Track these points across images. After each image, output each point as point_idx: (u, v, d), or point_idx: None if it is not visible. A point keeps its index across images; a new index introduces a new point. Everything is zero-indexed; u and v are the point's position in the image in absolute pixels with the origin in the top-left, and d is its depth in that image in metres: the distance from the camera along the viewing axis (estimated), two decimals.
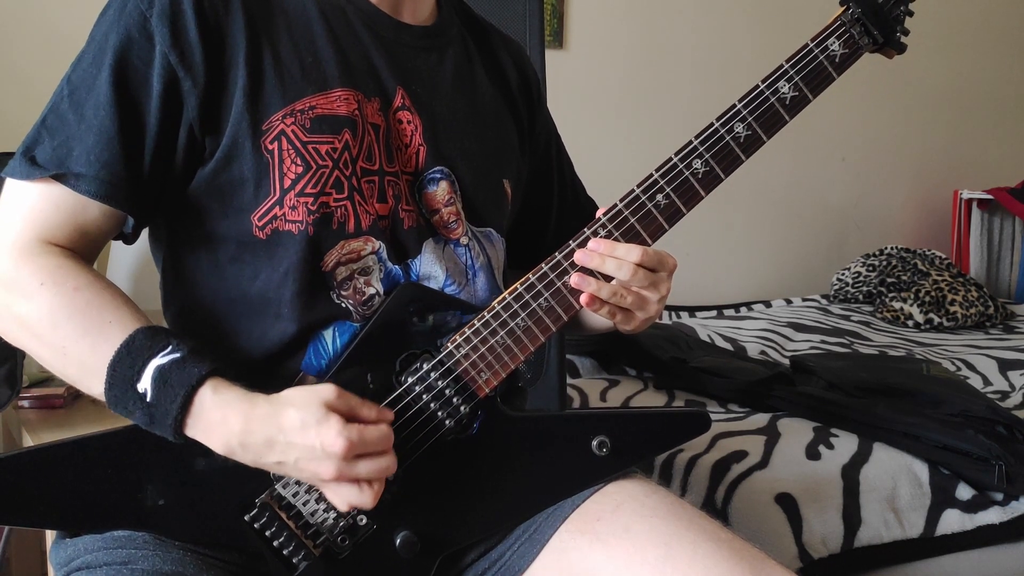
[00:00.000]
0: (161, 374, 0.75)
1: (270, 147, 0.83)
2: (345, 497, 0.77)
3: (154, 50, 0.80)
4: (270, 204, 0.84)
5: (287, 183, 0.83)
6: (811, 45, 0.91)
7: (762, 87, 0.90)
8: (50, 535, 0.88)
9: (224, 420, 0.75)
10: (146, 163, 0.82)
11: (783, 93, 0.90)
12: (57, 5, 2.04)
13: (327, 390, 0.76)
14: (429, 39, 0.97)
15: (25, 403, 1.66)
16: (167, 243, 0.90)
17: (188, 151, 0.83)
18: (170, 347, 0.77)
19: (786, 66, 0.91)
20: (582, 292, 0.86)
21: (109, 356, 0.76)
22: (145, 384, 0.75)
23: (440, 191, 0.93)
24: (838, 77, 0.92)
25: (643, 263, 0.87)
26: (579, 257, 0.87)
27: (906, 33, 0.96)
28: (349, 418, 0.76)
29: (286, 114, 0.84)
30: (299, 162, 0.84)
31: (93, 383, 0.78)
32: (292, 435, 0.74)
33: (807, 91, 0.91)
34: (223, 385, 0.77)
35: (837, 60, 0.91)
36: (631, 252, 0.87)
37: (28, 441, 1.53)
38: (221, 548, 0.83)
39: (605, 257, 0.86)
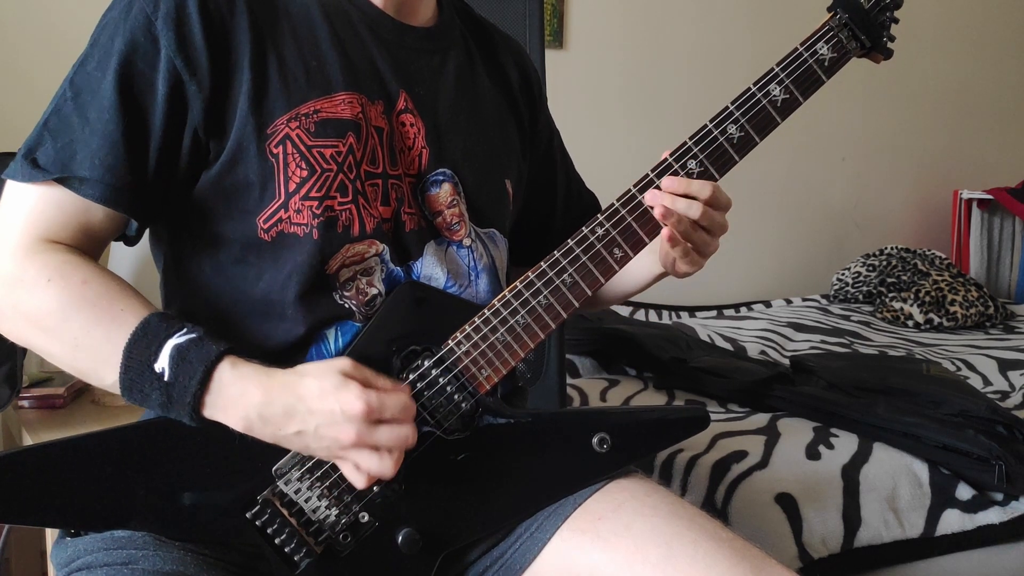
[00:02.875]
0: (179, 352, 0.76)
1: (275, 151, 0.83)
2: (365, 464, 0.77)
3: (159, 54, 0.80)
4: (275, 207, 0.84)
5: (292, 187, 0.84)
6: (800, 49, 0.92)
7: (754, 90, 0.91)
8: (50, 535, 0.89)
9: (244, 393, 0.76)
10: (150, 166, 0.82)
11: (774, 96, 0.90)
12: (58, 5, 2.04)
13: (343, 361, 0.78)
14: (431, 41, 0.97)
15: (25, 403, 1.66)
16: (169, 244, 0.90)
17: (192, 154, 0.83)
18: (185, 328, 0.77)
19: (776, 69, 0.91)
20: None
21: (123, 342, 0.77)
22: (163, 363, 0.76)
23: (443, 193, 0.93)
24: (827, 80, 0.93)
25: (711, 202, 0.89)
26: (649, 198, 0.89)
27: (892, 39, 0.96)
28: (366, 386, 0.76)
29: (290, 118, 0.84)
30: (303, 166, 0.84)
31: (107, 372, 0.78)
32: (312, 402, 0.75)
33: (797, 94, 0.91)
34: (240, 361, 0.77)
35: (826, 64, 0.92)
36: (703, 189, 0.89)
37: (28, 441, 1.53)
38: (222, 547, 0.83)
39: (675, 197, 0.88)
